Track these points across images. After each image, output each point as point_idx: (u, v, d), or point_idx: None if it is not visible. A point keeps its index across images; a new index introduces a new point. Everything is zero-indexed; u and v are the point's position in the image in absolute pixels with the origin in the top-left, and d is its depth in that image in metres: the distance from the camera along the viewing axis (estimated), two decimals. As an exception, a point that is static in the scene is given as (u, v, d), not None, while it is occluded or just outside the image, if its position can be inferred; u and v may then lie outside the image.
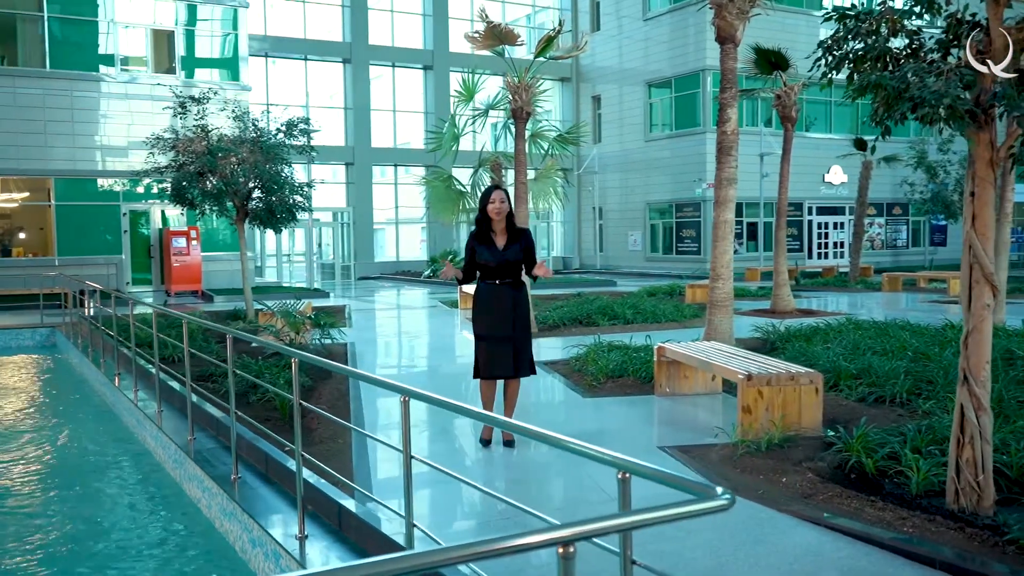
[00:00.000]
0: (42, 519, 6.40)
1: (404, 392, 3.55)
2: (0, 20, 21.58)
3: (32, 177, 21.28)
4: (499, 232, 6.03)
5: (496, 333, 5.96)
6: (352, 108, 30.58)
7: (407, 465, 3.62)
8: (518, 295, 6.05)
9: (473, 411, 3.11)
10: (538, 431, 2.68)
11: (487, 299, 6.02)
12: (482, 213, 6.06)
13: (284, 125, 15.60)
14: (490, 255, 5.95)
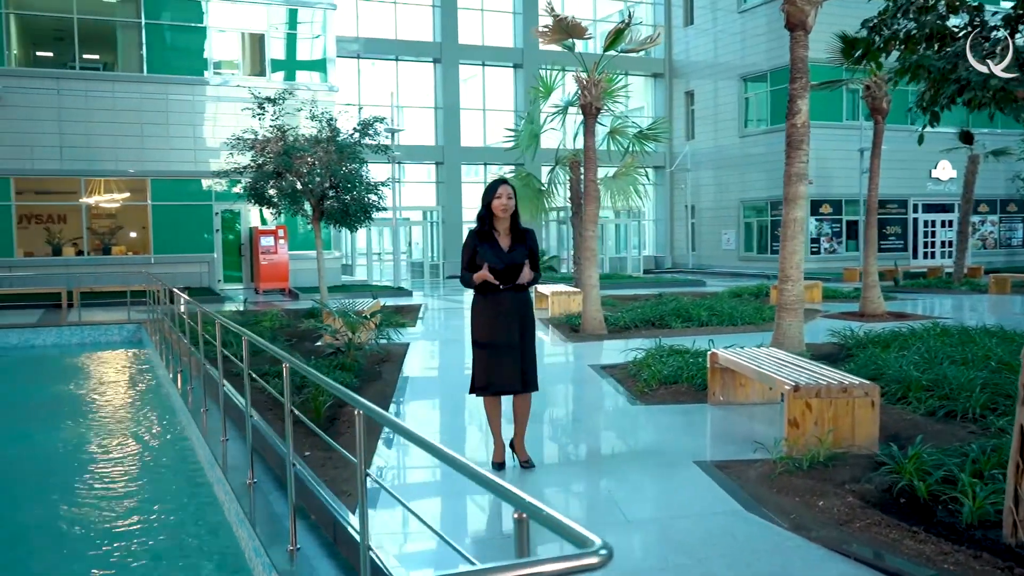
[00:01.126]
0: (55, 509, 6.44)
1: (359, 405, 3.30)
2: (101, 28, 22.51)
3: (131, 178, 22.04)
4: (503, 232, 5.47)
5: (500, 340, 5.36)
6: (442, 107, 30.69)
7: (362, 483, 3.37)
8: (524, 299, 5.52)
9: (430, 443, 2.79)
10: (449, 454, 2.37)
11: (491, 304, 5.40)
12: (486, 209, 5.47)
13: (360, 124, 15.64)
14: (495, 257, 5.37)
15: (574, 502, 5.21)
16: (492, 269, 5.33)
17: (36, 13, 22.23)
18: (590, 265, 12.70)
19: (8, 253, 20.87)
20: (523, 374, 5.42)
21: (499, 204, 5.40)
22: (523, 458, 5.57)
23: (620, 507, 4.83)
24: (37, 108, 20.84)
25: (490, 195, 5.44)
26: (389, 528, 4.62)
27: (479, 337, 5.47)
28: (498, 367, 5.38)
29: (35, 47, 22.61)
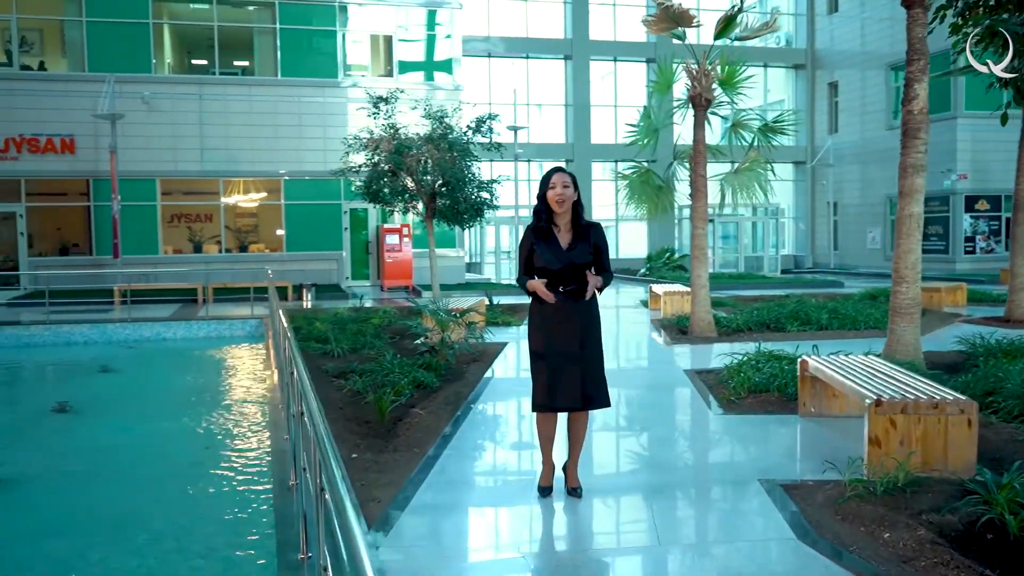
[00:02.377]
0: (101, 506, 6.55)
1: (304, 412, 3.07)
2: (239, 35, 23.53)
3: (266, 179, 22.90)
4: (563, 227, 4.73)
5: (559, 349, 4.69)
6: (572, 105, 30.42)
7: (317, 497, 3.14)
8: (588, 304, 4.77)
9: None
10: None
11: (549, 311, 4.72)
12: (541, 202, 4.73)
13: (473, 122, 15.58)
14: (553, 256, 4.66)
15: (611, 517, 4.82)
16: (546, 270, 4.66)
17: (180, 23, 23.46)
18: (699, 264, 12.11)
19: (153, 250, 22.08)
20: (583, 389, 4.70)
21: (554, 195, 4.66)
22: (572, 485, 4.90)
23: (659, 528, 4.43)
24: (180, 113, 21.95)
25: (544, 186, 4.73)
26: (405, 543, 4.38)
27: (536, 347, 4.82)
28: (557, 382, 4.69)
29: (179, 55, 23.83)
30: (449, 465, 5.64)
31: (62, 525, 6.25)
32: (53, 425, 9.42)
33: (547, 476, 4.92)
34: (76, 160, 21.44)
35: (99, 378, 12.33)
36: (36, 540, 5.94)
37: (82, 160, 21.45)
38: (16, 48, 21.68)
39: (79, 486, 7.26)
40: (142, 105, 21.35)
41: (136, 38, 21.76)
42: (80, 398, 10.74)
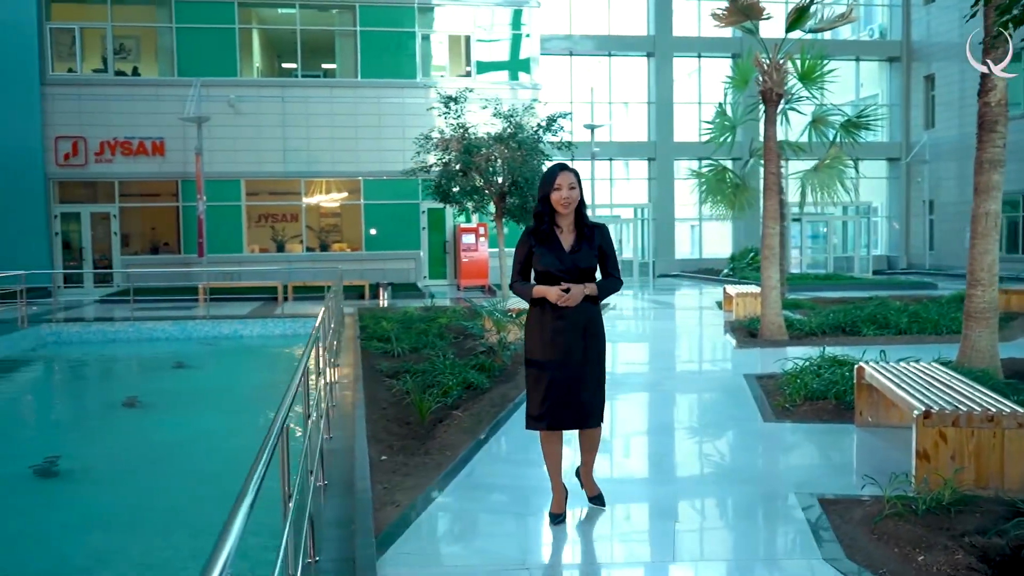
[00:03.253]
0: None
1: (282, 420, 3.00)
2: (320, 38, 23.98)
3: (346, 179, 23.27)
4: (566, 229, 4.35)
5: (556, 362, 4.30)
6: (655, 102, 29.95)
7: (284, 506, 3.06)
8: (591, 313, 4.38)
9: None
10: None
11: (548, 317, 4.32)
12: (543, 203, 4.34)
13: (544, 121, 15.46)
14: (555, 259, 4.28)
15: (628, 528, 4.60)
16: (548, 274, 4.30)
17: (264, 27, 24.03)
18: (769, 265, 11.70)
19: (238, 249, 22.68)
20: (582, 406, 4.35)
21: (559, 197, 4.27)
22: (591, 493, 4.63)
23: (677, 541, 4.22)
24: (264, 115, 22.49)
25: (548, 186, 4.32)
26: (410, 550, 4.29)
27: (532, 356, 4.41)
28: (553, 395, 4.31)
29: (263, 59, 24.39)
30: (477, 469, 5.53)
31: (109, 519, 6.39)
32: (120, 419, 9.71)
33: (558, 502, 4.49)
34: (165, 162, 22.20)
35: (173, 374, 12.69)
36: (80, 533, 6.09)
37: (171, 162, 22.19)
38: (111, 55, 22.57)
39: (133, 480, 7.43)
40: (227, 108, 21.96)
41: (222, 43, 22.40)
42: (151, 393, 11.06)
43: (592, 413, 4.42)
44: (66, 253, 22.65)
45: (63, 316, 16.38)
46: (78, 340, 14.99)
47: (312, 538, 4.23)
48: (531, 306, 4.45)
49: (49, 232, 22.04)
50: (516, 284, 4.45)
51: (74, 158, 21.86)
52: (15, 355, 13.41)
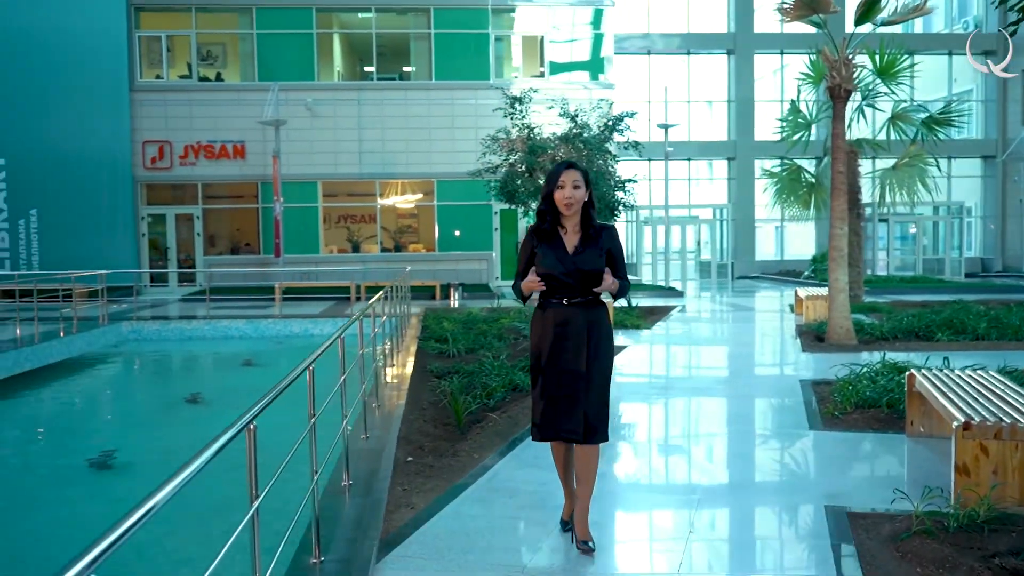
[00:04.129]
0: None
1: (250, 419, 2.99)
2: (395, 40, 24.28)
3: (420, 180, 23.50)
4: (571, 229, 4.09)
5: (559, 368, 4.04)
6: (735, 101, 29.35)
7: (255, 516, 3.04)
8: (597, 318, 4.10)
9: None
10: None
11: (550, 321, 4.08)
12: (547, 202, 4.10)
13: (609, 120, 15.30)
14: (556, 261, 4.03)
15: (634, 537, 4.46)
16: (551, 276, 4.03)
17: (341, 31, 24.45)
18: (837, 267, 11.29)
19: (315, 250, 23.13)
20: (586, 417, 4.02)
21: (562, 197, 4.02)
22: (581, 537, 4.10)
23: (685, 555, 4.07)
24: (340, 118, 22.89)
25: (551, 184, 4.08)
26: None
27: (535, 361, 4.18)
28: (557, 402, 4.05)
29: (339, 63, 24.81)
30: (501, 473, 5.46)
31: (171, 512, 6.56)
32: (181, 415, 9.98)
33: (570, 508, 4.30)
34: (246, 165, 22.79)
35: (239, 371, 13.00)
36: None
37: (252, 164, 22.78)
38: (195, 61, 23.32)
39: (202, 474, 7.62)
40: (305, 111, 22.42)
41: (300, 48, 22.90)
42: (215, 390, 11.35)
43: (593, 428, 4.03)
44: (153, 253, 23.49)
45: (143, 314, 16.95)
46: (156, 337, 15.51)
47: (317, 538, 4.24)
48: (536, 308, 4.22)
49: (136, 233, 22.87)
50: (516, 284, 4.23)
51: (160, 161, 22.64)
52: (94, 351, 13.94)
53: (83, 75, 22.12)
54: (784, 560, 4.11)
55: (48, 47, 21.96)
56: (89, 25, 22.09)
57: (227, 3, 23.17)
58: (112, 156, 22.38)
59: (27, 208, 22.30)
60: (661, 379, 9.45)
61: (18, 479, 7.70)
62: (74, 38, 22.03)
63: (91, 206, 22.42)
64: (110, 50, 22.27)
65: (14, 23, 21.98)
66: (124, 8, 22.28)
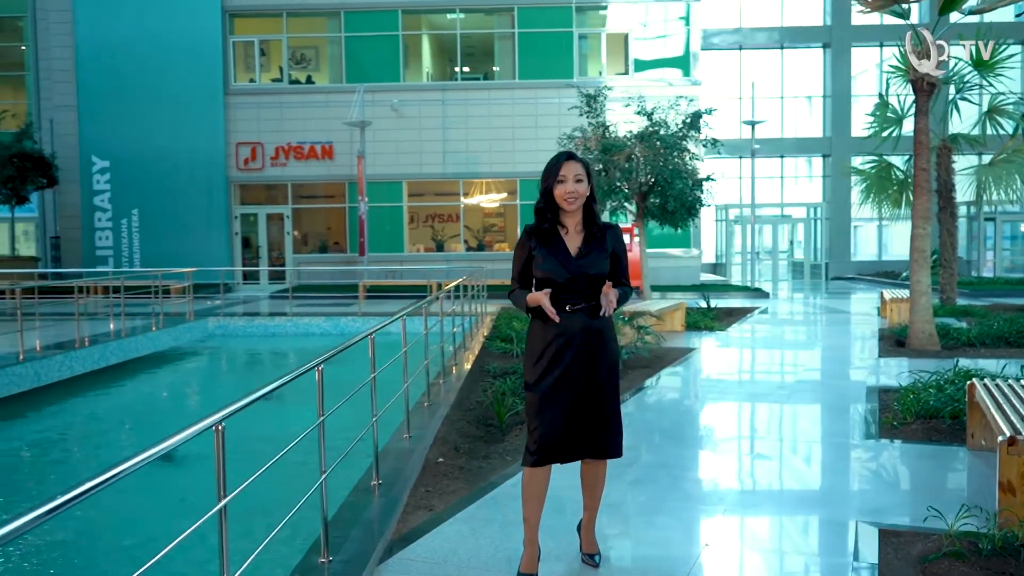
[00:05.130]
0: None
1: (220, 420, 3.01)
2: (480, 41, 24.42)
3: (503, 179, 23.56)
4: (572, 228, 3.72)
5: (563, 382, 3.67)
6: (831, 95, 28.42)
7: (221, 514, 3.05)
8: (602, 326, 3.72)
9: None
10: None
11: (552, 332, 3.67)
12: (545, 199, 3.72)
13: (688, 117, 15.00)
14: (557, 264, 3.64)
15: (645, 547, 4.29)
16: (550, 280, 3.64)
17: (426, 33, 24.69)
18: (919, 269, 10.77)
19: (400, 248, 23.46)
20: (593, 435, 3.74)
21: (563, 191, 3.64)
22: (588, 550, 3.96)
23: (695, 570, 3.91)
24: (425, 118, 23.15)
25: (550, 177, 3.67)
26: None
27: (531, 378, 3.74)
28: (559, 421, 3.69)
29: (425, 64, 25.06)
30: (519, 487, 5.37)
31: (196, 505, 6.73)
32: (250, 410, 10.21)
33: (530, 560, 3.82)
34: (334, 165, 23.29)
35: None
36: (171, 518, 6.45)
37: (339, 165, 23.26)
38: (286, 65, 23.96)
39: (238, 469, 7.81)
40: (391, 112, 22.76)
41: (386, 50, 23.25)
42: (289, 386, 11.61)
43: (605, 444, 3.77)
44: (247, 251, 24.25)
45: (230, 311, 17.50)
46: (241, 333, 15.99)
47: (325, 538, 4.25)
48: (532, 318, 3.81)
49: (230, 231, 23.65)
50: (513, 292, 3.82)
51: (252, 162, 23.35)
52: (180, 346, 14.46)
53: (181, 80, 23.01)
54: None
55: (149, 55, 22.95)
56: (186, 32, 22.97)
57: (317, 7, 23.70)
58: (207, 158, 23.21)
59: (130, 208, 23.34)
60: (717, 383, 9.18)
61: (82, 469, 8.02)
62: (173, 45, 22.94)
63: (188, 206, 23.30)
64: (206, 56, 23.09)
65: (117, 34, 23.01)
66: (219, 15, 23.07)
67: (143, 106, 23.01)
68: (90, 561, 5.93)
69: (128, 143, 23.06)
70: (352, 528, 4.69)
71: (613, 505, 4.78)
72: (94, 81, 23.15)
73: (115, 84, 23.00)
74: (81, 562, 5.90)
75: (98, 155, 23.26)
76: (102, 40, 23.09)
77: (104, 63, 23.08)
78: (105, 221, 23.43)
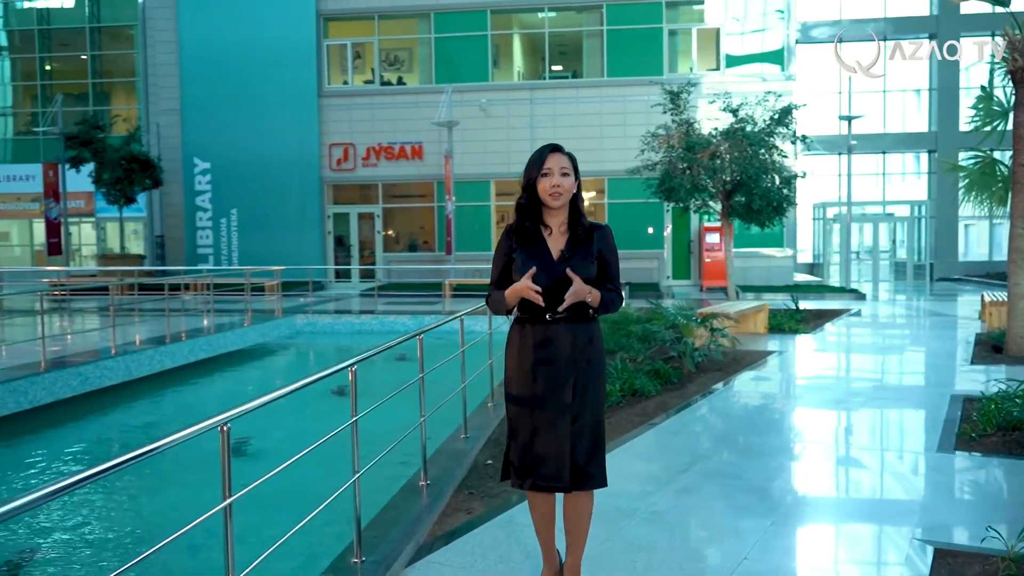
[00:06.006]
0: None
1: (226, 420, 3.04)
2: (568, 39, 24.31)
3: (591, 178, 23.40)
4: (556, 229, 3.39)
5: (541, 399, 3.34)
6: (937, 89, 27.21)
7: (226, 513, 3.07)
8: (587, 335, 3.37)
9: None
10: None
11: (532, 341, 3.36)
12: (528, 195, 3.37)
13: (776, 113, 14.58)
14: (540, 271, 3.28)
15: (680, 559, 4.14)
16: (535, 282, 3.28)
17: (514, 32, 24.72)
18: (1017, 270, 10.20)
19: (488, 248, 23.56)
20: (574, 460, 3.33)
21: (548, 185, 3.30)
22: None
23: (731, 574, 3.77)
24: (513, 117, 23.19)
25: (534, 170, 3.33)
26: (458, 555, 4.19)
27: (511, 390, 3.44)
28: (538, 443, 3.35)
29: (513, 63, 25.10)
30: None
31: (263, 499, 6.88)
32: (324, 406, 10.42)
33: (549, 574, 3.64)
34: (424, 165, 23.58)
35: (393, 365, 13.41)
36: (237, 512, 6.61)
37: (429, 165, 23.54)
38: (378, 66, 24.39)
39: (306, 465, 7.95)
40: (479, 112, 22.90)
41: (475, 50, 23.40)
42: (364, 383, 11.77)
43: (584, 473, 3.35)
44: (339, 250, 24.80)
45: (319, 308, 17.91)
46: (328, 330, 16.35)
47: (358, 538, 4.27)
48: (513, 324, 3.48)
49: (323, 230, 24.23)
50: (490, 296, 3.48)
51: (344, 163, 23.86)
52: (267, 342, 14.88)
53: (278, 84, 23.71)
54: (838, 598, 3.72)
55: (247, 60, 23.73)
56: (283, 37, 23.64)
57: (407, 9, 24.02)
58: (302, 158, 23.84)
59: (229, 207, 24.18)
60: (790, 388, 8.87)
61: (157, 462, 8.31)
62: (270, 50, 23.66)
63: (283, 205, 23.99)
64: (301, 59, 23.71)
65: (218, 40, 23.88)
66: (313, 19, 23.65)
67: (242, 109, 23.81)
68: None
69: (227, 145, 23.91)
70: (392, 528, 4.70)
71: (656, 513, 4.66)
72: (196, 86, 24.09)
73: (216, 88, 23.87)
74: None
75: (200, 157, 24.19)
76: (204, 46, 24.00)
77: (206, 68, 23.98)
78: (206, 220, 24.34)
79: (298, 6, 23.71)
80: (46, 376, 9.51)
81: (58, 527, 6.49)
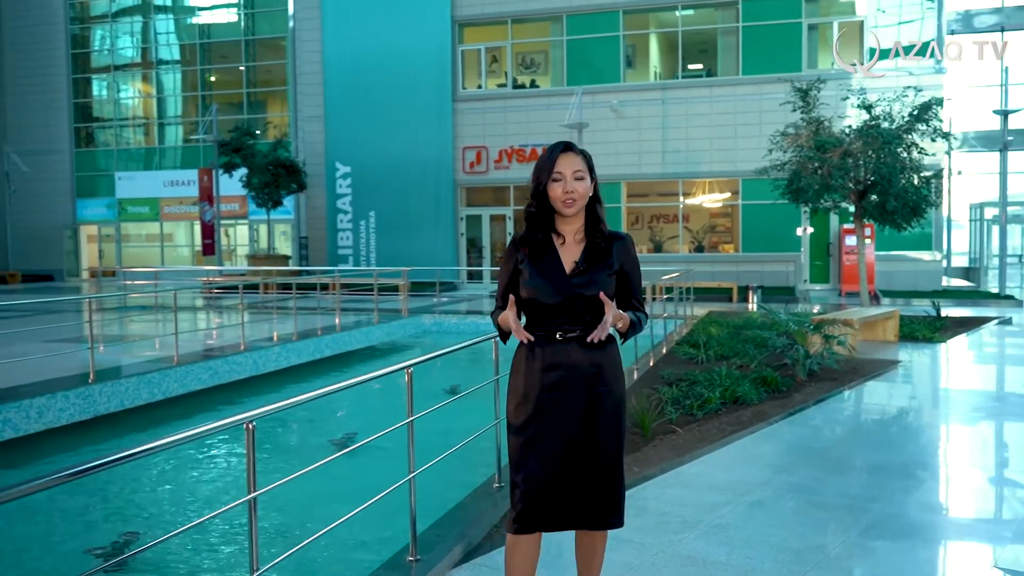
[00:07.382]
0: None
1: (251, 418, 3.16)
2: (702, 37, 23.81)
3: (724, 179, 22.87)
4: (570, 239, 3.01)
5: (552, 428, 2.93)
6: (1111, 78, 25.01)
7: (251, 507, 3.18)
8: (602, 360, 2.96)
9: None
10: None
11: (538, 368, 2.94)
12: (539, 200, 3.00)
13: (915, 109, 13.82)
14: (547, 282, 2.93)
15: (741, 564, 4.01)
16: (538, 305, 2.95)
17: (647, 32, 24.42)
18: None
19: (618, 250, 23.42)
20: (587, 498, 2.96)
21: (560, 192, 2.92)
22: None
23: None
24: (644, 118, 22.94)
25: (544, 173, 2.96)
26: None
27: (514, 420, 3.01)
28: (539, 484, 2.93)
29: (646, 63, 24.79)
30: (646, 492, 5.20)
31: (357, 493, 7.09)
32: (433, 403, 10.65)
33: None
34: (554, 167, 23.64)
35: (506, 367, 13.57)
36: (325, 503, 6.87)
37: (560, 167, 23.58)
38: (511, 69, 24.67)
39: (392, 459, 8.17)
40: (609, 113, 22.78)
41: (607, 51, 23.30)
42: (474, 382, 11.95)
43: (602, 512, 2.99)
44: (472, 251, 25.26)
45: (447, 308, 18.29)
46: (453, 330, 16.66)
47: (414, 536, 4.36)
48: (519, 346, 3.06)
49: (456, 232, 24.73)
50: (493, 313, 3.15)
51: (477, 166, 24.28)
52: (394, 341, 15.33)
53: (414, 90, 24.40)
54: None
55: (386, 67, 24.57)
56: (419, 44, 24.32)
57: (540, 13, 24.17)
58: (437, 161, 24.43)
59: (367, 210, 25.08)
60: (905, 400, 8.36)
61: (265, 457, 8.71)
62: (407, 57, 24.38)
63: (418, 207, 24.67)
64: (437, 64, 24.30)
65: (358, 48, 24.84)
66: (449, 25, 24.19)
67: (380, 115, 24.65)
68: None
69: (366, 149, 24.81)
70: (454, 528, 4.79)
71: (720, 526, 4.53)
72: (338, 93, 25.12)
73: (356, 95, 24.82)
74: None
75: (341, 161, 25.21)
76: (345, 55, 25.01)
77: (347, 76, 24.98)
78: (346, 222, 25.32)
79: (434, 14, 24.30)
80: (178, 369, 10.16)
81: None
